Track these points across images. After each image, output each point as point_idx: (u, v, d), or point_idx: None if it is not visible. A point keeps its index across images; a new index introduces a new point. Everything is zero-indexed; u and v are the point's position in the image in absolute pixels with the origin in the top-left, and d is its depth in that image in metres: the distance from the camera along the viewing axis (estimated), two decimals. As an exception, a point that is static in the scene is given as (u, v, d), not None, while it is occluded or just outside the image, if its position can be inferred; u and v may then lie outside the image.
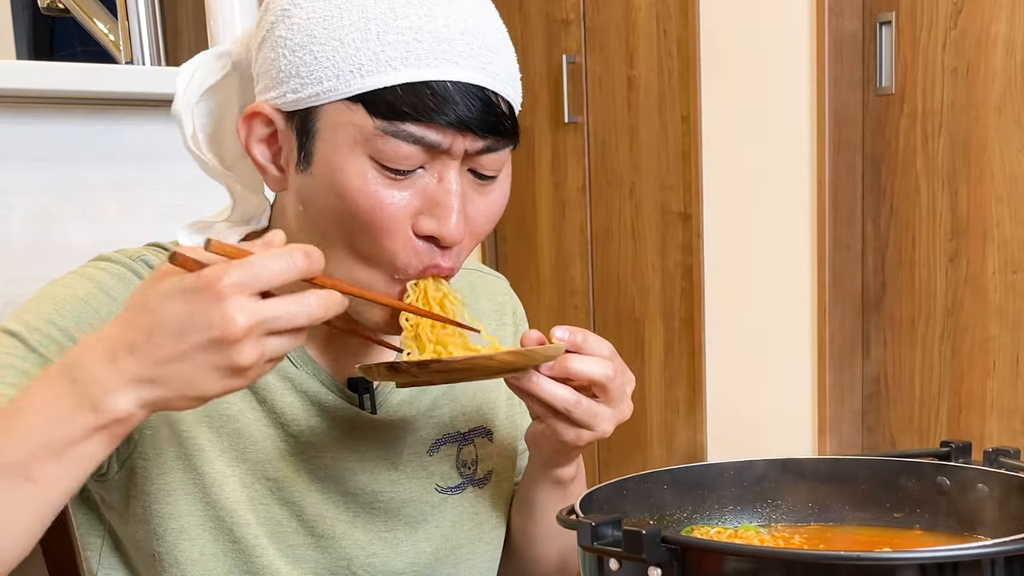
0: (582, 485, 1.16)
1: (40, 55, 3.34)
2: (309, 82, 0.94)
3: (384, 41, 0.92)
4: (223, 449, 1.03)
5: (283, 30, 0.96)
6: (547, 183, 3.59)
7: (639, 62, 3.26)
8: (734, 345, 3.10)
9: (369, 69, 0.92)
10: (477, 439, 1.17)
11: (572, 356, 0.97)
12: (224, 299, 0.79)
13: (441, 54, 0.93)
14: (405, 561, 1.10)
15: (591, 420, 0.99)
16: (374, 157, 0.93)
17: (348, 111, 0.94)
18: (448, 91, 0.93)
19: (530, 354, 0.94)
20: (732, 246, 3.06)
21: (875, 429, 2.90)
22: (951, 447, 1.00)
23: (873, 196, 2.83)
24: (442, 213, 0.95)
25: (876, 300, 2.86)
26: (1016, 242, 2.54)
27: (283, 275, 0.81)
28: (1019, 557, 0.71)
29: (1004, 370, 2.59)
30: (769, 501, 1.00)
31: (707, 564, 0.73)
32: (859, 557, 0.70)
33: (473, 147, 0.95)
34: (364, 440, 1.08)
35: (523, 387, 0.97)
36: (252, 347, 0.80)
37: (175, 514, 1.02)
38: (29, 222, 1.73)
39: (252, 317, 0.79)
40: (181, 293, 0.80)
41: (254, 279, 0.80)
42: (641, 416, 3.40)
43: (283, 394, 1.05)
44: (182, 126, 1.07)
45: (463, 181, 0.97)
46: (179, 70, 1.08)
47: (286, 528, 1.05)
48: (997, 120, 2.54)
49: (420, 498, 1.12)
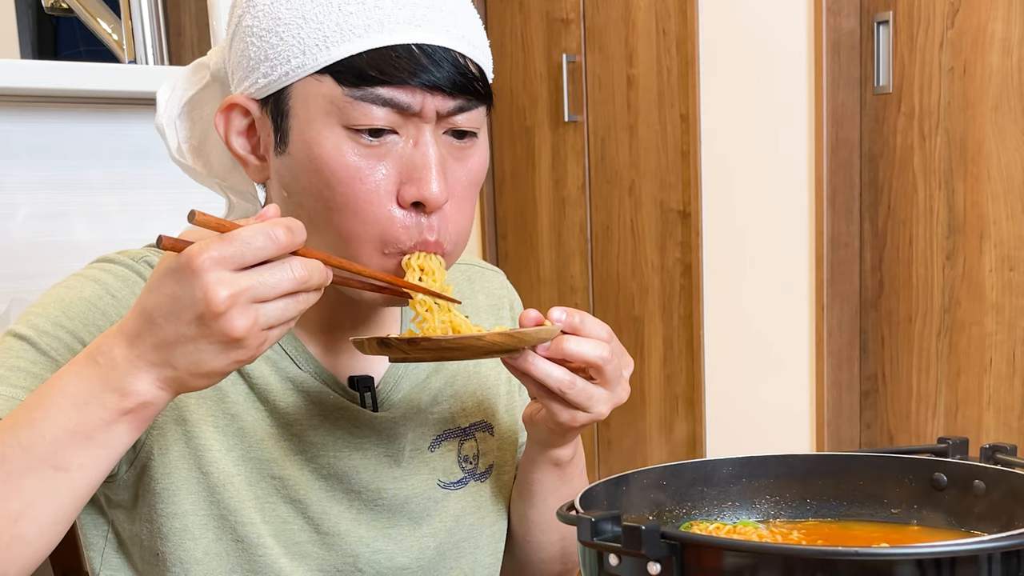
0: (581, 467, 1.16)
1: (44, 55, 3.34)
2: (278, 63, 0.96)
3: (346, 11, 0.93)
4: (229, 448, 1.03)
5: (249, 20, 0.97)
6: (547, 181, 3.59)
7: (638, 61, 3.26)
8: (733, 342, 3.10)
9: (334, 40, 0.94)
10: (478, 434, 1.18)
11: (568, 337, 0.97)
12: (203, 273, 0.79)
13: (403, 18, 0.94)
14: (409, 556, 1.11)
15: (586, 402, 0.99)
16: (346, 125, 0.94)
17: (317, 84, 0.95)
18: (413, 53, 0.94)
19: (521, 335, 0.94)
20: (731, 244, 3.06)
21: (873, 425, 2.91)
22: (948, 443, 1.00)
23: (871, 194, 2.84)
24: (422, 176, 0.95)
25: (874, 297, 2.87)
26: (1012, 240, 2.54)
27: (264, 249, 0.81)
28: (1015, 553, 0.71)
29: (1001, 367, 2.60)
30: (768, 497, 1.00)
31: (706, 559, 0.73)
32: (857, 553, 0.70)
33: (444, 107, 0.96)
34: (366, 438, 1.08)
35: (518, 366, 0.97)
36: (241, 317, 0.80)
37: (179, 513, 1.02)
38: (33, 220, 1.73)
39: (233, 287, 0.79)
40: (169, 274, 0.81)
41: (233, 253, 0.80)
42: (641, 413, 3.40)
43: (286, 394, 1.05)
44: (166, 139, 1.09)
45: (440, 146, 0.97)
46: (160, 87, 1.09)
47: (291, 526, 1.06)
48: (994, 119, 2.54)
49: (423, 494, 1.12)
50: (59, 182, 1.74)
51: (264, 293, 0.81)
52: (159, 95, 1.09)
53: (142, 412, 0.83)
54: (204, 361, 0.82)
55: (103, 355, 0.83)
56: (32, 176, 1.70)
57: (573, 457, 1.13)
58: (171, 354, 0.81)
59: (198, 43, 3.87)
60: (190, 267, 0.79)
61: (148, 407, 0.83)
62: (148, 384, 0.82)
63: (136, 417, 0.84)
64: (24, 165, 1.69)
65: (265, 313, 0.81)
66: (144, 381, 0.82)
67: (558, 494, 1.14)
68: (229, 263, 0.80)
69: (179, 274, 0.80)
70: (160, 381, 0.83)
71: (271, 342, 0.83)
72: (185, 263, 0.80)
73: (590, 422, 1.02)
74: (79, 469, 0.83)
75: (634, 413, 3.42)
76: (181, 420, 1.02)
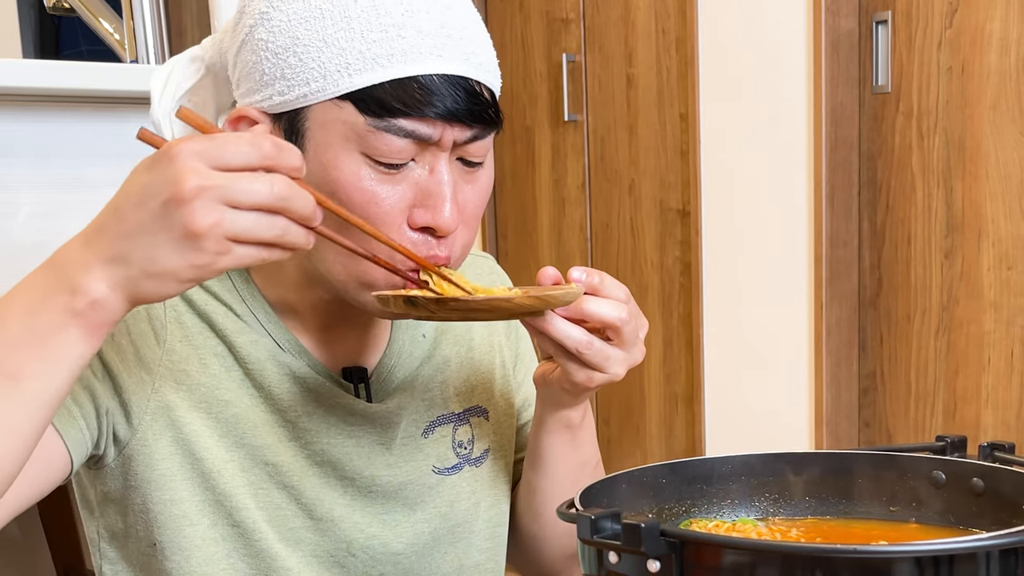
0: (591, 433, 1.16)
1: (46, 54, 3.33)
2: (296, 84, 0.95)
3: (368, 39, 0.93)
4: (222, 435, 1.03)
5: (263, 33, 0.97)
6: (547, 181, 3.59)
7: (638, 61, 3.26)
8: (732, 341, 3.11)
9: (356, 68, 0.93)
10: (473, 419, 1.18)
11: (587, 298, 0.97)
12: (179, 160, 0.78)
13: (425, 48, 0.94)
14: (404, 542, 1.11)
15: (603, 362, 0.99)
16: (366, 153, 0.94)
17: (337, 109, 0.94)
18: (435, 84, 0.94)
19: (548, 298, 0.94)
20: (730, 243, 3.07)
21: (871, 424, 2.91)
22: (946, 441, 1.00)
23: (869, 193, 2.84)
24: (436, 203, 0.96)
25: (872, 296, 2.87)
26: (1010, 239, 2.55)
27: (246, 155, 0.80)
28: (1014, 550, 0.72)
29: (999, 365, 2.61)
30: (767, 495, 1.00)
31: (705, 557, 0.74)
32: (856, 550, 0.70)
33: (461, 137, 0.96)
34: (360, 426, 1.09)
35: (536, 326, 0.97)
36: (205, 211, 0.77)
37: (176, 500, 1.02)
38: (35, 219, 1.73)
39: (204, 180, 0.77)
40: (146, 166, 0.80)
41: (213, 148, 0.79)
42: (640, 411, 3.41)
43: (280, 380, 1.06)
44: (162, 133, 1.08)
45: (452, 170, 0.98)
46: (152, 76, 1.08)
47: (285, 512, 1.06)
48: (992, 118, 2.55)
49: (417, 480, 1.12)
50: (61, 181, 1.73)
51: (235, 196, 0.79)
52: (153, 89, 1.08)
53: (92, 316, 0.81)
54: (159, 257, 0.79)
55: (60, 257, 0.82)
56: (34, 175, 1.70)
57: (583, 420, 1.12)
58: (129, 246, 0.79)
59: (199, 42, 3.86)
60: (167, 155, 0.79)
61: (98, 309, 0.81)
62: (98, 282, 0.80)
63: (86, 322, 0.81)
64: (26, 164, 1.69)
65: (232, 219, 0.79)
66: (95, 278, 0.80)
67: (569, 461, 1.13)
68: (206, 158, 0.79)
69: (156, 163, 0.79)
70: (111, 279, 0.80)
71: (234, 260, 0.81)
72: (163, 152, 0.79)
73: (606, 382, 1.02)
74: (31, 379, 0.81)
75: (633, 411, 3.43)
76: (173, 406, 1.02)
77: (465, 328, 1.20)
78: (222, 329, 1.05)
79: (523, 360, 1.26)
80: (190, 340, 1.04)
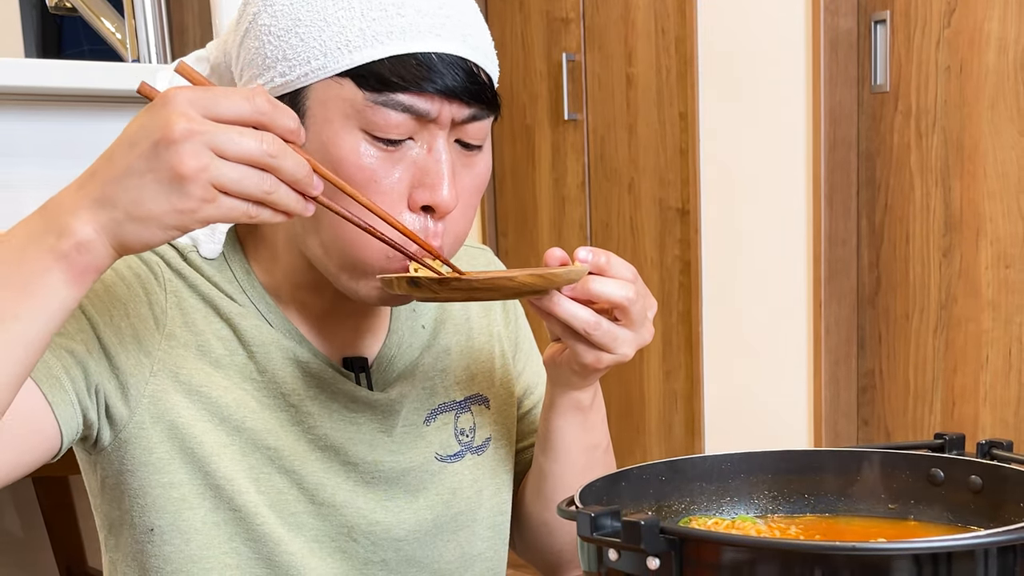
0: (602, 415, 1.16)
1: (48, 53, 3.33)
2: (297, 63, 0.96)
3: (368, 17, 0.94)
4: (222, 419, 1.03)
5: (266, 18, 0.98)
6: (547, 179, 3.60)
7: (638, 60, 3.27)
8: (731, 339, 3.11)
9: (356, 44, 0.94)
10: (474, 407, 1.18)
11: (594, 278, 0.97)
12: (172, 104, 0.79)
13: (424, 27, 0.95)
14: (406, 528, 1.12)
15: (611, 343, 0.99)
16: (365, 129, 0.95)
17: (337, 86, 0.95)
18: (433, 61, 0.95)
19: (551, 276, 0.93)
20: (729, 241, 3.07)
21: (870, 421, 2.92)
22: (945, 439, 1.00)
23: (868, 192, 2.85)
24: (434, 181, 0.96)
25: (871, 295, 2.88)
26: (1008, 237, 2.55)
27: (239, 109, 0.81)
28: (1012, 548, 0.72)
29: (997, 363, 2.61)
30: (766, 492, 1.00)
31: (705, 554, 0.74)
32: (855, 548, 0.71)
33: (459, 115, 0.97)
34: (362, 413, 1.09)
35: (543, 307, 0.97)
36: (192, 154, 0.78)
37: (175, 483, 1.02)
38: (37, 219, 1.73)
39: (194, 124, 0.79)
40: (142, 113, 0.81)
41: (207, 97, 0.80)
42: (640, 409, 3.41)
43: (283, 364, 1.06)
44: None
45: (450, 151, 0.98)
46: (156, 75, 1.09)
47: (287, 496, 1.06)
48: (990, 117, 2.56)
49: (420, 467, 1.12)
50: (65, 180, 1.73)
51: (224, 145, 0.79)
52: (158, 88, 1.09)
53: (76, 258, 0.81)
54: (145, 199, 0.80)
55: (52, 201, 0.83)
56: (38, 174, 1.71)
57: (594, 402, 1.13)
58: (116, 188, 0.80)
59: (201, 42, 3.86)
60: (162, 99, 0.80)
61: (82, 251, 0.81)
62: (84, 224, 0.81)
63: (70, 266, 0.82)
64: (30, 164, 1.69)
65: (219, 168, 0.79)
66: (82, 220, 0.81)
67: (580, 443, 1.13)
68: (199, 105, 0.80)
69: (150, 108, 0.81)
70: (97, 223, 0.81)
71: (219, 212, 0.81)
72: (159, 98, 0.81)
73: (615, 363, 1.01)
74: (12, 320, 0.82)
75: (633, 409, 3.43)
76: (172, 390, 1.02)
77: (464, 318, 1.20)
78: (227, 313, 1.05)
79: (522, 349, 1.26)
80: (192, 324, 1.04)
